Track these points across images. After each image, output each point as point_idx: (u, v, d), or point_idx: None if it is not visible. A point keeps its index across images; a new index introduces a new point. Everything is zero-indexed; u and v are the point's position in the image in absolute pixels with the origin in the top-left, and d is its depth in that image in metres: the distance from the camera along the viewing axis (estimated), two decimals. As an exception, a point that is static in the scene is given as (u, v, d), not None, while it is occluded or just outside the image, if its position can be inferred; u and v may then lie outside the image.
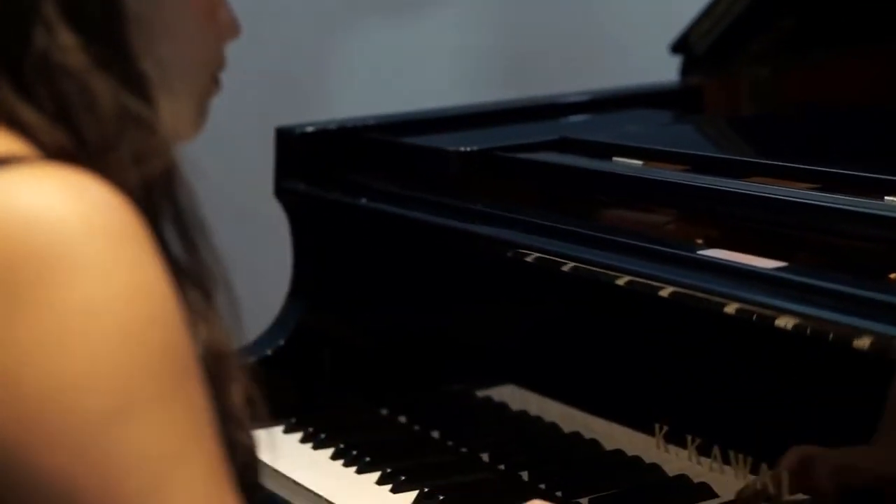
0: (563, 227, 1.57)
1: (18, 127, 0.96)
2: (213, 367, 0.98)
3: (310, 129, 1.91)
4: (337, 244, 1.89)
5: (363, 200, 1.83)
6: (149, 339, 0.90)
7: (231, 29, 1.12)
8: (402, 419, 1.79)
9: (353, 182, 1.87)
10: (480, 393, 1.73)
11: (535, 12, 3.00)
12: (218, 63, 1.12)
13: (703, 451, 1.40)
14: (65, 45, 0.95)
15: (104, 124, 0.96)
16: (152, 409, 0.90)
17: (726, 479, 1.38)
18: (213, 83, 1.12)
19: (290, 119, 1.97)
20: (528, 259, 1.58)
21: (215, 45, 1.11)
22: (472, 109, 2.02)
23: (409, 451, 1.70)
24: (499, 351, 1.72)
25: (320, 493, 1.60)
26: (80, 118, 0.95)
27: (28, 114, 0.95)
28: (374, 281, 1.87)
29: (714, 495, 1.41)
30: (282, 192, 1.92)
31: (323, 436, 1.74)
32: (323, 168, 1.90)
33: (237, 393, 1.02)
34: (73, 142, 0.95)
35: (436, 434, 1.74)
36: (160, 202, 0.96)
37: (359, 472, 1.65)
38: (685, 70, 2.09)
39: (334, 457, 1.69)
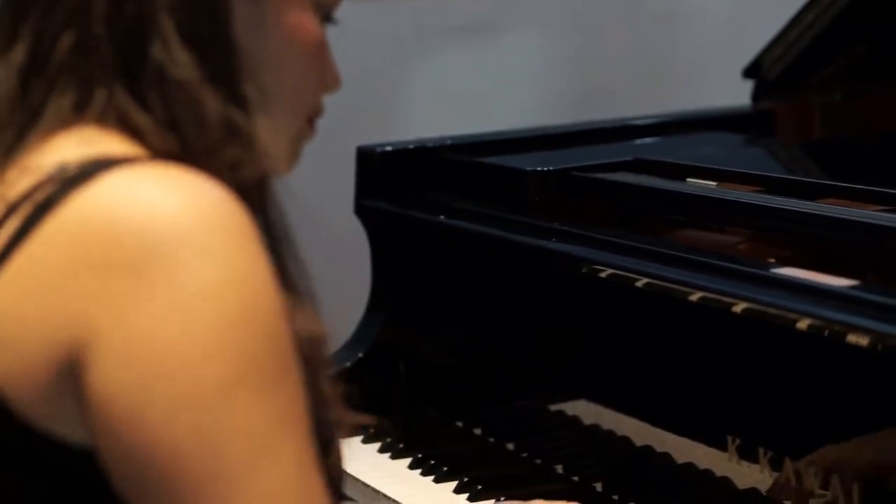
0: (637, 244, 1.61)
1: (130, 130, 1.03)
2: (309, 352, 1.04)
3: (389, 148, 1.96)
4: (414, 260, 1.93)
5: (441, 218, 1.87)
6: (259, 322, 0.97)
7: (333, 82, 1.17)
8: (477, 431, 1.83)
9: (431, 200, 1.91)
10: (553, 407, 1.77)
11: (608, 38, 3.04)
12: (316, 109, 1.16)
13: (776, 465, 1.43)
14: (179, 60, 1.03)
15: (209, 133, 1.03)
16: (259, 386, 0.96)
17: (797, 495, 1.41)
18: (309, 127, 1.17)
19: (366, 140, 2.02)
20: (602, 275, 1.62)
21: (316, 91, 1.16)
22: (548, 131, 2.06)
23: (484, 462, 1.74)
24: (571, 366, 1.75)
25: (400, 500, 1.64)
26: (188, 126, 1.03)
27: (141, 118, 1.03)
28: (451, 296, 1.91)
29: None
30: (362, 210, 1.97)
31: (401, 446, 1.78)
32: (402, 186, 1.95)
33: (326, 378, 1.08)
34: (179, 146, 1.03)
35: (510, 446, 1.77)
36: (250, 211, 1.02)
37: (436, 481, 1.69)
38: (757, 95, 2.12)
39: (412, 466, 1.73)
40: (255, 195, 1.05)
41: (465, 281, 1.88)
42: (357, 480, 1.68)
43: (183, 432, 0.95)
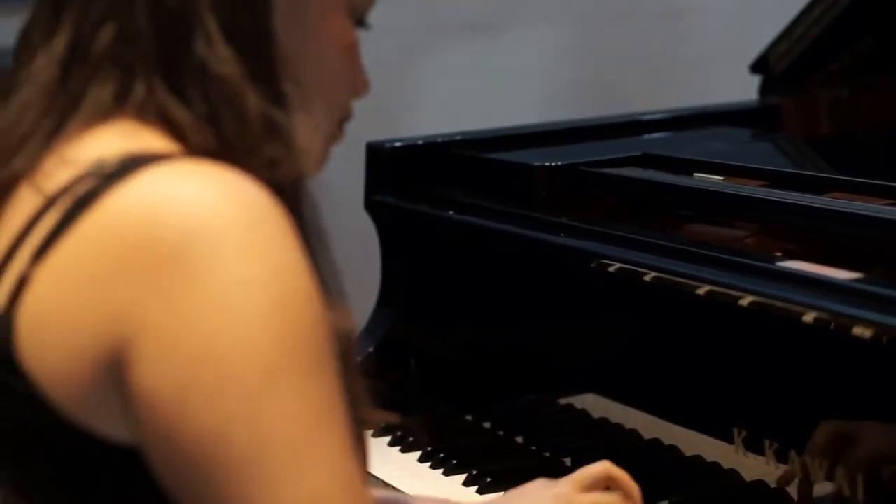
0: (645, 239, 1.62)
1: (169, 124, 1.04)
2: (341, 349, 1.05)
3: (399, 144, 1.98)
4: (424, 256, 1.95)
5: (450, 213, 1.88)
6: (297, 313, 0.98)
7: (363, 86, 1.19)
8: (487, 425, 1.84)
9: (440, 195, 1.92)
10: (562, 401, 1.78)
11: (615, 34, 3.05)
12: (346, 112, 1.18)
13: (781, 457, 1.44)
14: (222, 56, 1.05)
15: (248, 130, 1.04)
16: (299, 377, 0.98)
17: (803, 487, 1.42)
18: (339, 130, 1.18)
19: (375, 135, 2.03)
20: (611, 270, 1.63)
21: (347, 92, 1.17)
22: (556, 127, 2.07)
23: (494, 455, 1.75)
24: (580, 360, 1.77)
25: (410, 492, 1.65)
26: (228, 122, 1.04)
27: (180, 113, 1.04)
28: (460, 291, 1.92)
29: (791, 500, 1.45)
30: (372, 205, 1.98)
31: (411, 439, 1.79)
32: (411, 182, 1.96)
33: (355, 372, 1.09)
34: (218, 143, 1.04)
35: (519, 439, 1.79)
36: (285, 209, 1.03)
37: (446, 474, 1.71)
38: (764, 90, 2.13)
39: (422, 459, 1.75)
40: (291, 193, 1.06)
41: (474, 276, 1.90)
42: (367, 474, 1.69)
43: (227, 421, 0.96)
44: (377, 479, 1.70)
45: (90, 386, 0.98)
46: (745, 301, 1.44)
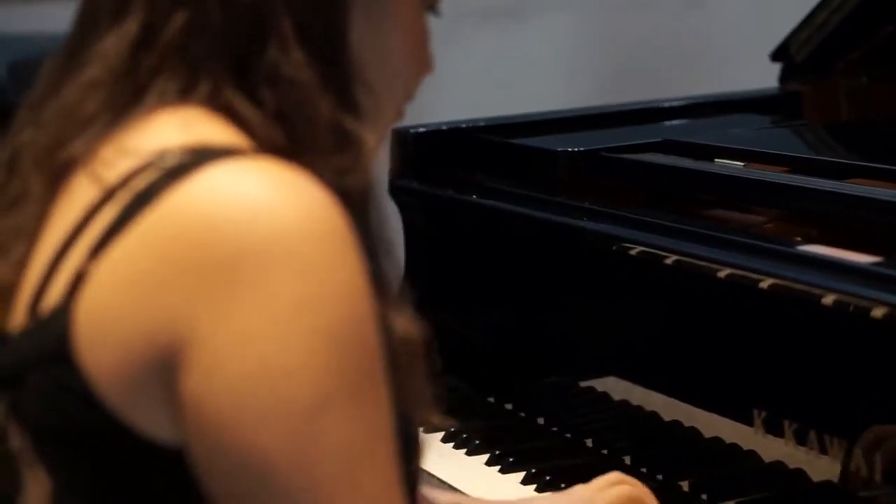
0: (666, 223, 1.64)
1: (236, 119, 1.02)
2: (404, 354, 1.04)
3: (423, 129, 1.99)
4: (447, 240, 1.96)
5: (473, 197, 1.90)
6: (354, 336, 0.96)
7: (429, 65, 1.16)
8: (509, 406, 1.86)
9: (463, 180, 1.94)
10: (583, 383, 1.80)
11: (638, 21, 3.07)
12: (410, 95, 1.15)
13: (801, 438, 1.45)
14: (296, 60, 1.02)
15: (320, 137, 1.02)
16: (350, 402, 0.96)
17: (822, 466, 1.44)
18: (399, 114, 1.16)
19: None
20: (632, 253, 1.65)
21: (414, 75, 1.14)
22: (578, 113, 2.09)
23: (516, 436, 1.77)
24: (601, 343, 1.78)
25: (433, 472, 1.67)
26: (299, 127, 1.01)
27: (247, 109, 1.02)
28: (483, 275, 1.94)
29: (809, 481, 1.47)
30: (395, 191, 2.00)
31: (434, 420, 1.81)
32: (435, 167, 1.98)
33: (419, 377, 1.07)
34: (288, 144, 1.01)
35: (541, 421, 1.81)
36: (352, 217, 1.00)
37: (469, 454, 1.73)
38: (784, 78, 2.15)
39: (445, 440, 1.77)
40: (359, 202, 1.03)
41: (497, 260, 1.91)
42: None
43: (275, 443, 0.95)
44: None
45: (139, 386, 0.97)
46: (766, 284, 1.46)
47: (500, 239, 1.90)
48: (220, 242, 0.95)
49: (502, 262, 1.90)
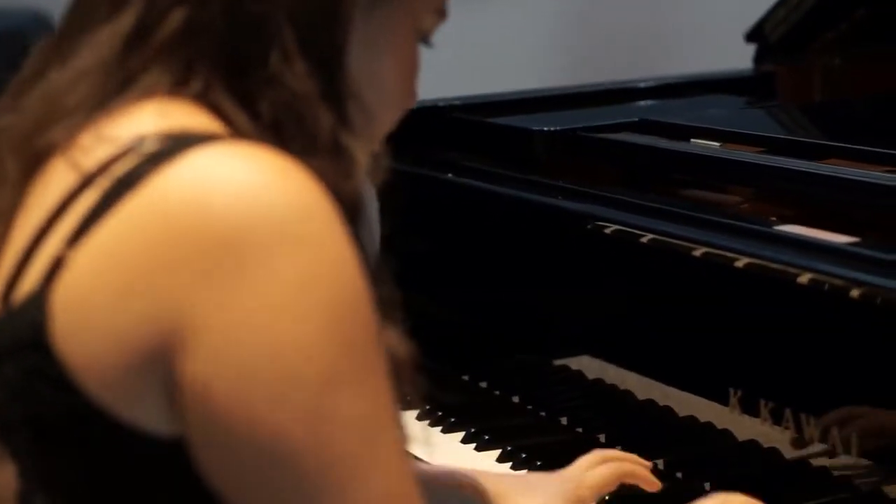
0: (642, 202, 1.64)
1: (222, 116, 1.01)
2: (391, 367, 1.02)
3: (398, 107, 1.99)
4: (423, 217, 1.96)
5: (449, 176, 1.90)
6: (357, 313, 0.96)
7: (412, 99, 1.15)
8: (483, 384, 1.87)
9: (439, 159, 1.94)
10: (558, 362, 1.80)
11: (613, 1, 3.07)
12: (391, 127, 1.15)
13: (776, 418, 1.46)
14: (298, 71, 1.01)
15: (316, 150, 1.00)
16: (360, 378, 0.96)
17: (797, 446, 1.44)
18: (379, 143, 1.15)
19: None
20: (607, 232, 1.65)
21: (397, 112, 1.14)
22: (554, 92, 2.09)
23: (491, 414, 1.78)
24: (576, 321, 1.79)
25: (409, 450, 1.68)
26: (297, 136, 1.01)
27: (236, 112, 1.01)
28: (458, 253, 1.94)
29: (783, 459, 1.48)
30: (370, 168, 1.99)
31: (409, 398, 1.81)
32: (411, 145, 1.98)
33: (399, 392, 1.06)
34: (281, 149, 1.00)
35: (516, 399, 1.81)
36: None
37: (444, 431, 1.74)
38: (759, 58, 2.15)
39: (420, 417, 1.77)
40: (349, 215, 1.01)
41: (472, 238, 1.92)
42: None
43: (291, 422, 0.94)
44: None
45: (128, 373, 0.95)
46: (742, 263, 1.47)
47: (476, 218, 1.90)
48: (213, 226, 0.94)
49: (478, 240, 1.91)
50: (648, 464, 1.51)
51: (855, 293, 1.33)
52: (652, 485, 1.50)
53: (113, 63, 1.03)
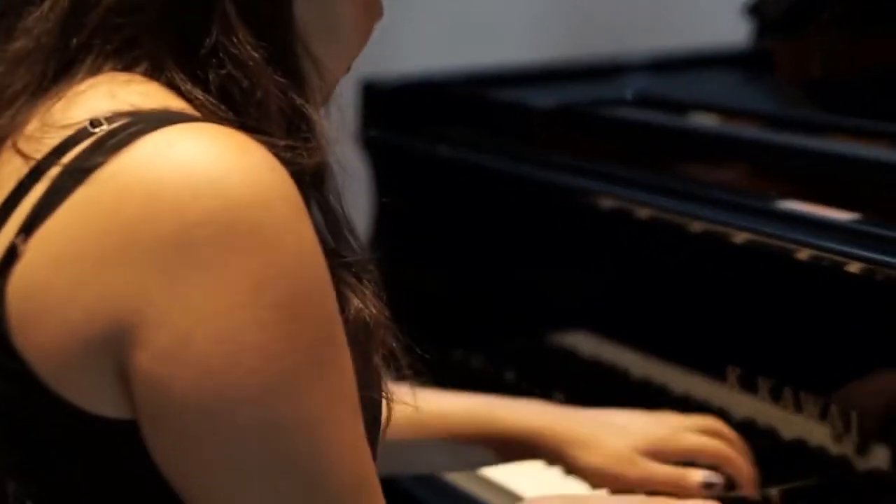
0: (641, 177, 1.63)
1: (178, 93, 1.00)
2: (362, 337, 1.03)
3: (394, 80, 1.98)
4: (419, 192, 1.95)
5: (445, 150, 1.89)
6: (315, 306, 0.95)
7: (379, 11, 1.12)
8: (477, 361, 1.85)
9: (435, 133, 1.93)
10: (553, 337, 1.79)
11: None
12: (364, 45, 1.12)
13: (776, 395, 1.45)
14: (242, 40, 0.99)
15: (270, 116, 0.99)
16: (318, 372, 0.95)
17: (796, 424, 1.44)
18: (348, 69, 1.13)
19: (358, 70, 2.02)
20: (605, 207, 1.64)
21: (367, 31, 1.11)
22: (551, 66, 2.08)
23: (484, 390, 1.76)
24: (572, 297, 1.78)
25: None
26: (249, 107, 0.99)
27: (192, 92, 0.99)
28: (453, 228, 1.93)
29: (781, 438, 1.47)
30: (366, 142, 1.98)
31: (403, 373, 1.80)
32: (406, 118, 1.97)
33: (379, 360, 1.07)
34: (236, 121, 0.98)
35: (510, 375, 1.80)
36: (309, 196, 1.00)
37: (438, 407, 1.72)
38: (758, 33, 2.14)
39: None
40: (314, 181, 1.02)
41: (468, 213, 1.90)
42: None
43: (250, 421, 0.94)
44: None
45: (80, 362, 0.95)
46: (741, 239, 1.45)
47: (472, 192, 1.88)
48: (163, 220, 0.92)
49: (473, 215, 1.89)
50: (750, 466, 1.41)
51: (855, 269, 1.32)
52: (748, 485, 1.40)
53: (52, 45, 1.01)
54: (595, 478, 1.41)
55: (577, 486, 1.46)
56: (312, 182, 1.02)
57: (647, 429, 1.42)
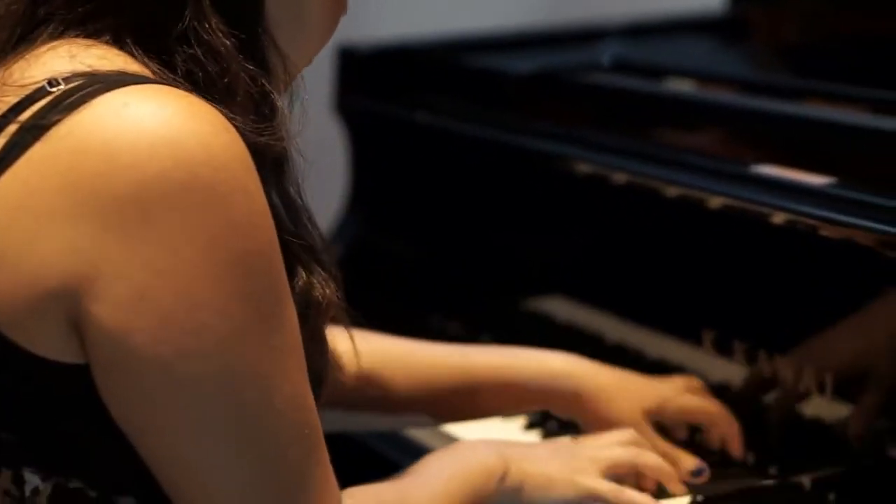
0: (617, 142, 1.63)
1: (140, 65, 1.02)
2: (313, 313, 1.07)
3: (371, 47, 1.98)
4: (395, 158, 1.95)
5: (422, 116, 1.89)
6: (266, 263, 0.98)
7: (344, 6, 1.14)
8: (454, 325, 1.86)
9: (412, 99, 1.93)
10: (529, 301, 1.80)
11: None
12: (328, 40, 1.15)
13: (751, 358, 1.45)
14: (215, 28, 1.02)
15: (236, 102, 1.02)
16: (267, 327, 0.98)
17: (769, 387, 1.44)
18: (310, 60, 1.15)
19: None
20: (582, 172, 1.65)
21: (333, 26, 1.14)
22: (528, 32, 2.07)
23: (462, 355, 1.77)
24: (548, 262, 1.78)
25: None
26: (215, 94, 1.01)
27: (152, 64, 1.02)
28: (430, 194, 1.93)
29: (759, 403, 1.47)
30: (344, 108, 1.98)
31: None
32: (382, 84, 1.96)
33: (322, 338, 1.11)
34: (191, 89, 1.01)
35: (487, 340, 1.80)
36: (268, 184, 1.02)
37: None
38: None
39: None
40: (274, 167, 1.05)
41: (445, 178, 1.91)
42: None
43: (202, 373, 0.97)
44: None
45: (35, 310, 0.97)
46: (716, 203, 1.46)
47: (449, 158, 1.89)
48: (119, 176, 0.95)
49: (451, 180, 1.90)
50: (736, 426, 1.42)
51: (830, 233, 1.33)
52: (735, 446, 1.41)
53: (20, 12, 1.03)
54: (596, 427, 1.43)
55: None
56: (273, 171, 1.05)
57: (654, 388, 1.44)
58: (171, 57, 1.02)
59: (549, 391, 1.44)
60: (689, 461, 1.36)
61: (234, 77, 1.02)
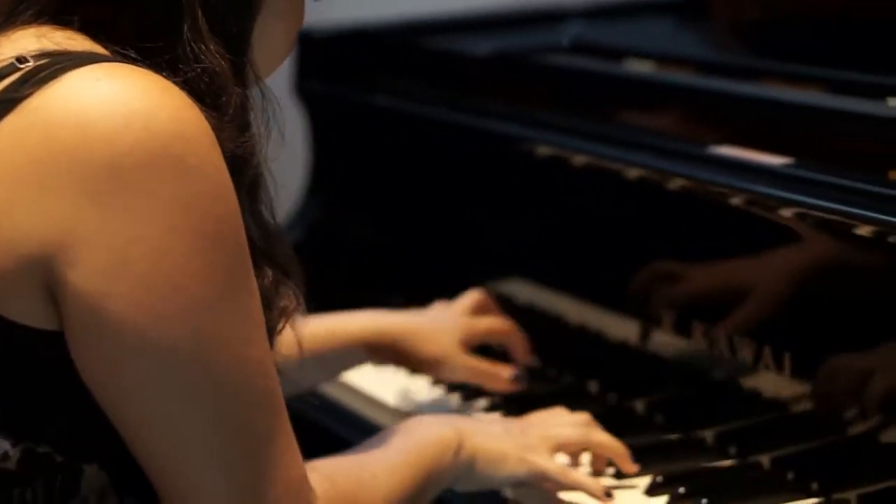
0: (576, 124, 1.63)
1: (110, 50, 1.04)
2: (269, 308, 1.10)
3: (329, 30, 1.97)
4: (355, 142, 1.95)
5: (381, 98, 1.88)
6: (233, 232, 1.02)
7: (300, 26, 1.19)
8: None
9: (371, 82, 1.92)
10: (489, 285, 1.79)
11: None
12: (284, 60, 1.19)
13: (710, 340, 1.46)
14: (213, 50, 1.06)
15: (224, 121, 1.05)
16: (235, 294, 1.02)
17: (728, 367, 1.45)
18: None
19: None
20: (541, 154, 1.64)
21: (290, 49, 1.18)
22: (487, 14, 2.07)
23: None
24: (508, 244, 1.78)
25: (344, 381, 1.68)
26: (206, 102, 1.04)
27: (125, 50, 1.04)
28: (389, 177, 1.93)
29: (714, 381, 1.48)
30: (303, 91, 1.97)
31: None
32: (341, 68, 1.96)
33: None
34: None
35: (447, 323, 1.80)
36: (242, 204, 1.05)
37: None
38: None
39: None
40: (249, 187, 1.09)
41: (404, 162, 1.90)
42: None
43: (177, 339, 1.00)
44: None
45: (10, 277, 0.99)
46: (675, 185, 1.46)
47: (409, 141, 1.88)
48: (94, 145, 0.98)
49: (410, 164, 1.89)
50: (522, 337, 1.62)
51: (789, 213, 1.33)
52: (522, 353, 1.59)
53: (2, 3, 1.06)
54: (428, 367, 1.59)
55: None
56: (248, 194, 1.09)
57: (456, 320, 1.60)
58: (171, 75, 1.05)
59: (374, 346, 1.58)
60: (507, 371, 1.56)
61: (229, 100, 1.06)
